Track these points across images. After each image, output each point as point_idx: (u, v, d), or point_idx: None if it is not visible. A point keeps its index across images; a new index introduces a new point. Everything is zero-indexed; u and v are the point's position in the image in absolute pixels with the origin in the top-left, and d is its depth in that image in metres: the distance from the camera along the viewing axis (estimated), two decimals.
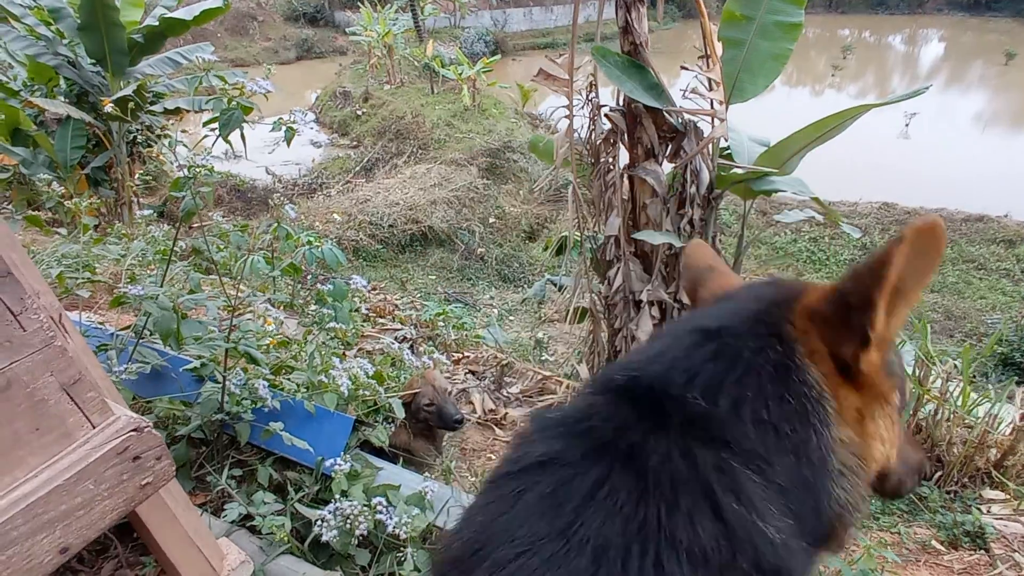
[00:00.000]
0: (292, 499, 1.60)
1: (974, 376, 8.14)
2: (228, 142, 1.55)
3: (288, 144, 1.61)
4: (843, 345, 0.55)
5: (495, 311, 8.84)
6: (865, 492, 0.58)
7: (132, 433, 0.80)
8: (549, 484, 0.49)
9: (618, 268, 4.12)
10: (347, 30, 22.97)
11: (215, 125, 1.56)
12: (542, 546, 0.45)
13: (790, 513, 0.49)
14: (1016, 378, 8.37)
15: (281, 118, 1.55)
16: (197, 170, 1.45)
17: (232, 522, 1.55)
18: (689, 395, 0.53)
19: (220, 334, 1.72)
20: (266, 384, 1.67)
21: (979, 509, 2.53)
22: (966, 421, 2.66)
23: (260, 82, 1.51)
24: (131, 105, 6.67)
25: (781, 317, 0.58)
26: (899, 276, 0.51)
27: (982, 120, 20.74)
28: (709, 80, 3.63)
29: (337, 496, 1.54)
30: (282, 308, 4.06)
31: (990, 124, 20.46)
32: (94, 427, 0.79)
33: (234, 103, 1.47)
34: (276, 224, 1.84)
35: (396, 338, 5.08)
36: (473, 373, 4.61)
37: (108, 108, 2.62)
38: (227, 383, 1.65)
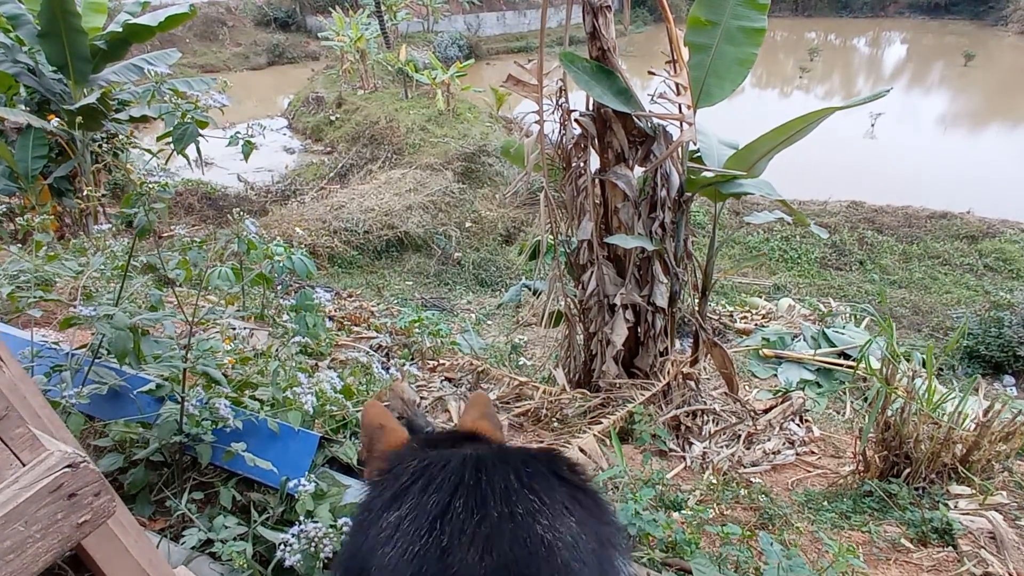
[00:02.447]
0: (256, 522, 1.55)
1: (941, 369, 8.34)
2: (185, 156, 1.50)
3: (246, 159, 1.57)
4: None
5: (472, 316, 8.81)
6: None
7: (67, 469, 0.76)
8: None
9: (592, 272, 4.13)
10: (319, 35, 22.76)
11: (171, 139, 1.52)
12: None
13: None
14: (981, 370, 8.62)
15: (237, 132, 1.50)
16: (150, 186, 1.40)
17: (193, 548, 1.50)
18: None
19: (180, 352, 1.66)
20: (227, 403, 1.62)
21: (946, 505, 2.58)
22: (932, 417, 2.70)
23: (215, 96, 1.46)
24: (79, 119, 6.47)
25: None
26: None
27: (944, 119, 21.32)
28: (677, 85, 3.66)
29: (302, 517, 1.50)
30: (253, 319, 3.99)
31: (952, 123, 21.04)
32: (24, 465, 0.75)
33: (188, 117, 1.42)
34: (236, 239, 1.80)
35: (371, 346, 5.02)
36: (449, 380, 4.57)
37: (53, 123, 2.52)
38: (186, 404, 1.60)
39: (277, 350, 2.07)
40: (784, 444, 4.13)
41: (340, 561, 0.78)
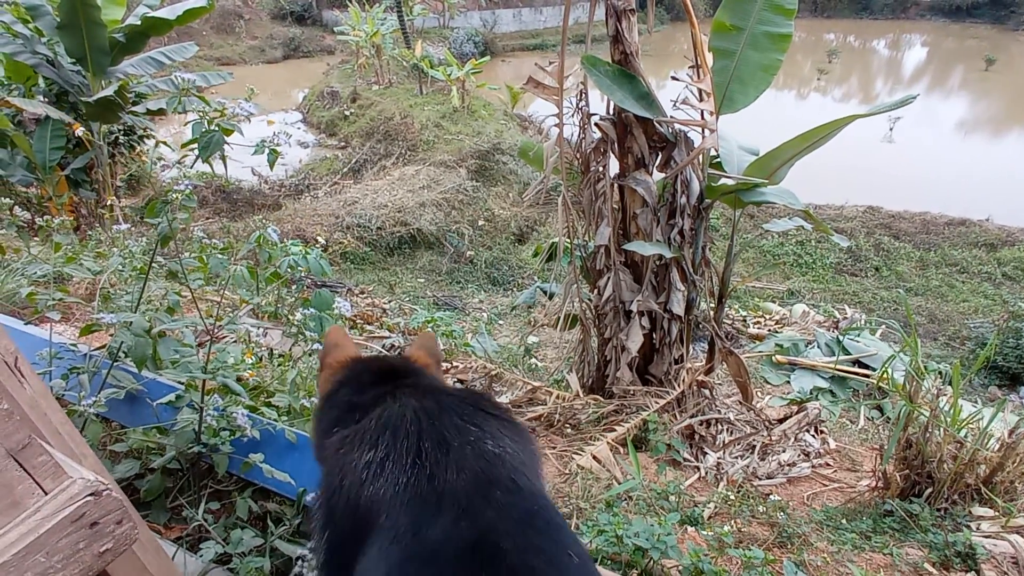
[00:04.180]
0: (272, 535, 1.53)
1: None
2: (209, 164, 1.48)
3: (271, 168, 1.55)
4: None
5: (484, 315, 8.78)
6: None
7: (89, 498, 0.74)
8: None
9: (608, 278, 4.08)
10: (335, 29, 22.79)
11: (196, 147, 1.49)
12: None
13: None
14: (997, 382, 8.48)
15: (264, 140, 1.48)
16: (175, 195, 1.38)
17: (210, 560, 1.48)
18: None
19: (198, 360, 1.64)
20: (245, 412, 1.61)
21: (968, 527, 2.52)
22: (957, 437, 2.64)
23: (244, 104, 1.44)
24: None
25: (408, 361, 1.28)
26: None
27: (964, 125, 21.02)
28: (700, 90, 3.60)
29: None
30: (267, 318, 3.98)
31: (972, 129, 20.74)
32: (46, 493, 0.73)
33: (215, 125, 1.40)
34: (258, 245, 1.77)
35: (384, 346, 5.01)
36: (462, 383, 4.55)
37: (79, 132, 2.46)
38: (204, 414, 1.58)
39: (294, 357, 2.05)
40: (799, 456, 4.07)
41: (322, 501, 0.99)
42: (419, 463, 0.89)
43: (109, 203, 7.49)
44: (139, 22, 7.32)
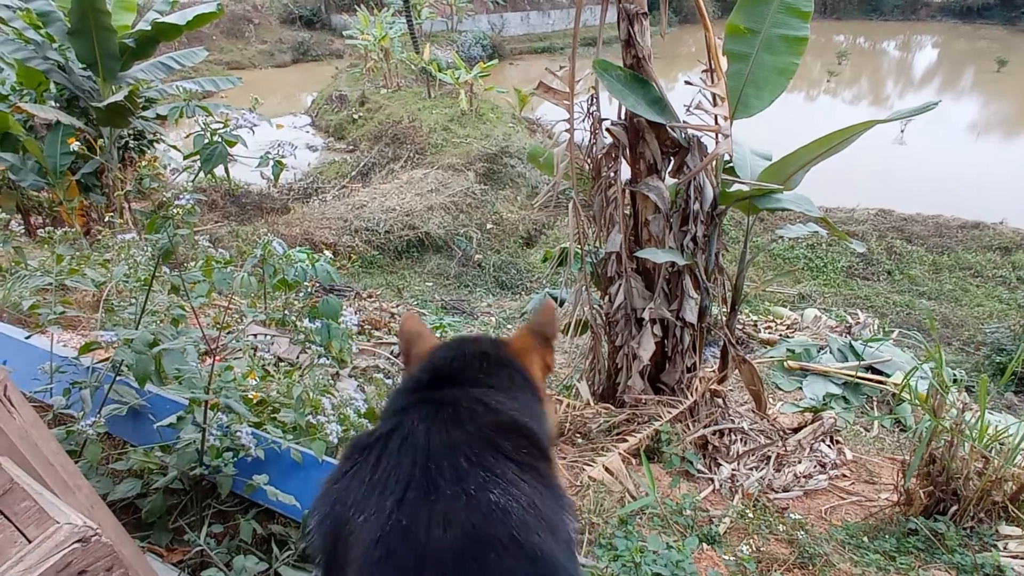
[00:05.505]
0: (277, 559, 1.48)
1: (970, 388, 8.07)
2: (213, 176, 1.44)
3: (276, 182, 1.51)
4: (546, 352, 1.18)
5: (493, 319, 8.72)
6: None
7: (76, 545, 0.69)
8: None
9: (619, 285, 4.02)
10: (343, 33, 22.86)
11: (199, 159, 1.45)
12: None
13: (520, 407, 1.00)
14: (1013, 388, 8.32)
15: (268, 153, 1.43)
16: (176, 211, 1.33)
17: None
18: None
19: (200, 377, 1.60)
20: (249, 431, 1.55)
21: (996, 547, 2.43)
22: (984, 453, 2.55)
23: (247, 116, 1.39)
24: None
25: (501, 347, 1.16)
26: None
27: (976, 126, 20.76)
28: (713, 95, 3.53)
29: None
30: (274, 325, 3.93)
31: (984, 130, 20.49)
32: (30, 541, 0.68)
33: (217, 137, 1.35)
34: (263, 261, 1.73)
35: (392, 352, 4.95)
36: None
37: (74, 146, 2.35)
38: (207, 434, 1.53)
39: (301, 373, 2.00)
40: (815, 467, 3.99)
41: (317, 518, 0.88)
42: (395, 516, 0.78)
43: (112, 214, 7.50)
44: (149, 27, 7.34)
